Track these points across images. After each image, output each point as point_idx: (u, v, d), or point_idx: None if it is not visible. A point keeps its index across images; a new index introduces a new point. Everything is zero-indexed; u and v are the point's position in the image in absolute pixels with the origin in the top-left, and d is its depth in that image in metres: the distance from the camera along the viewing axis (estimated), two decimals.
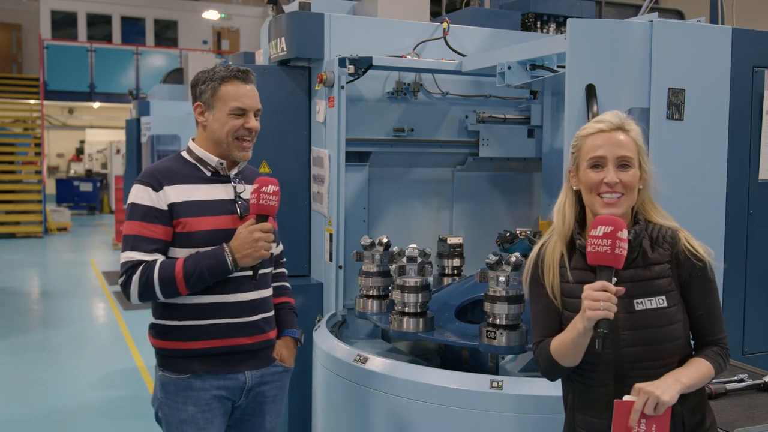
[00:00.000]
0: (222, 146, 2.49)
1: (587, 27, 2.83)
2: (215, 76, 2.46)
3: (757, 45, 3.01)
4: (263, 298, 2.56)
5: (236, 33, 20.75)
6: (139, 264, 2.35)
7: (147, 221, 2.38)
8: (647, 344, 1.92)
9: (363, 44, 3.85)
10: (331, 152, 3.72)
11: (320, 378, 3.25)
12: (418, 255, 3.14)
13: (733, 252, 3.01)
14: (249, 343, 2.50)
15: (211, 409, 2.45)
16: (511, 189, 4.49)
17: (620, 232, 1.82)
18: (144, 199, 2.40)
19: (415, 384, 2.75)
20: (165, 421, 2.50)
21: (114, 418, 5.30)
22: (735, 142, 2.98)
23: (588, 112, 2.72)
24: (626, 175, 1.94)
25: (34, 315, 8.89)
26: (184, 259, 2.37)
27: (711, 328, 1.98)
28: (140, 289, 2.35)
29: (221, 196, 2.48)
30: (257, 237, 2.37)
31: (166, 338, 2.46)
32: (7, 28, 20.30)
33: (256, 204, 2.39)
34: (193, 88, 2.52)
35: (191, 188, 2.45)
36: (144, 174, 2.47)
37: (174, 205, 2.40)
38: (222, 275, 2.39)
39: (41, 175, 16.92)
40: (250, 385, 2.52)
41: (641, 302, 1.92)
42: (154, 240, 2.38)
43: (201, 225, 2.41)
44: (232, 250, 2.37)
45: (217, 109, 2.46)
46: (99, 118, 24.16)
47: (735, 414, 2.33)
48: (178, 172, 2.47)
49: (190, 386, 2.44)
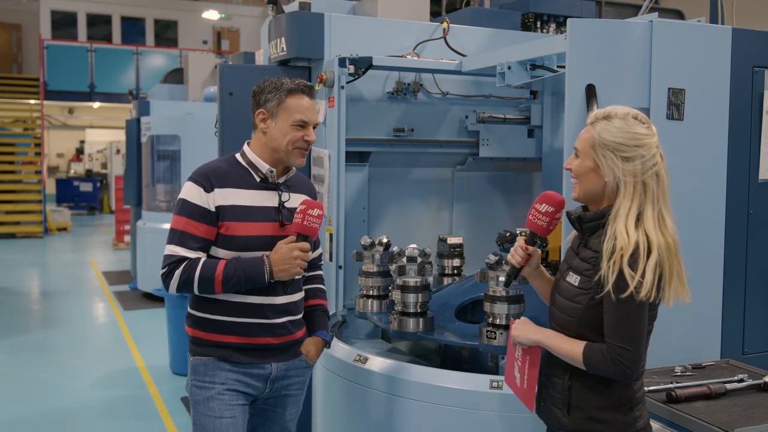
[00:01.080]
0: (279, 153, 2.58)
1: (587, 27, 2.83)
2: (282, 87, 2.57)
3: (757, 45, 3.01)
4: (294, 302, 2.67)
5: (236, 33, 20.74)
6: (183, 260, 2.48)
7: (194, 219, 2.50)
8: (556, 307, 2.20)
9: (363, 44, 3.85)
10: (331, 152, 3.72)
11: (320, 378, 3.25)
12: (418, 255, 3.14)
13: (733, 252, 3.01)
14: (276, 343, 2.61)
15: (237, 390, 2.57)
16: (511, 189, 4.49)
17: (539, 204, 2.20)
18: (194, 198, 2.51)
19: (415, 384, 2.76)
20: (193, 401, 2.60)
21: (114, 418, 5.30)
22: (735, 142, 2.98)
23: (588, 112, 2.72)
24: (574, 162, 2.16)
25: (34, 315, 8.88)
26: (225, 263, 2.48)
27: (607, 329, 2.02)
28: (180, 283, 2.48)
29: (266, 203, 2.58)
30: (296, 255, 2.49)
31: (200, 328, 2.59)
32: (7, 28, 20.31)
33: (300, 224, 2.50)
34: (257, 96, 2.61)
35: (239, 192, 2.55)
36: (198, 172, 2.57)
37: (221, 208, 2.51)
38: (257, 284, 2.51)
39: (41, 175, 16.92)
40: (275, 376, 2.63)
41: (568, 274, 2.16)
42: (199, 238, 2.50)
43: (243, 230, 2.53)
44: (271, 262, 2.49)
45: (281, 119, 2.56)
46: (99, 118, 24.16)
47: (735, 414, 2.33)
48: (230, 174, 2.57)
49: (219, 366, 2.56)
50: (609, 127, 2.07)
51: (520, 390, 2.24)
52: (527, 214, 2.22)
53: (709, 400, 2.45)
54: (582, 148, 2.12)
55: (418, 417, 2.75)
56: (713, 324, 2.96)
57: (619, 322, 1.99)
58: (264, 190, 2.60)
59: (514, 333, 2.21)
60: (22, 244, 14.90)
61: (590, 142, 2.09)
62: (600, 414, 2.09)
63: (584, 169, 2.12)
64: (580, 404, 2.11)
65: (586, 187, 2.13)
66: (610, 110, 2.11)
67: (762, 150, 3.06)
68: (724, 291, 3.00)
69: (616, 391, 2.09)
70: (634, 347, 1.98)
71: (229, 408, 2.54)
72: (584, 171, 2.12)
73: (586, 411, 2.10)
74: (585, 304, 2.07)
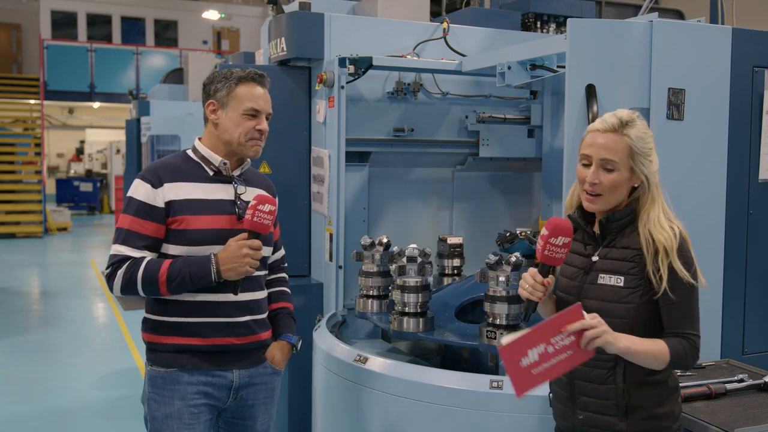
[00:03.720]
0: (232, 145, 2.51)
1: (587, 27, 2.83)
2: (232, 76, 2.50)
3: (757, 45, 3.01)
4: (256, 300, 2.56)
5: (236, 33, 20.74)
6: (127, 259, 2.38)
7: (140, 217, 2.40)
8: (599, 314, 2.02)
9: (363, 44, 3.85)
10: (331, 152, 3.72)
11: (320, 378, 3.25)
12: (418, 255, 3.14)
13: (733, 252, 3.01)
14: (238, 344, 2.50)
15: (197, 406, 2.45)
16: (511, 189, 4.49)
17: (554, 239, 2.02)
18: (140, 195, 2.42)
19: (415, 384, 2.75)
20: (150, 416, 2.50)
21: (114, 418, 5.29)
22: (735, 142, 2.98)
23: (588, 112, 2.72)
24: (607, 177, 2.05)
25: (34, 315, 8.89)
26: (170, 262, 2.37)
27: (676, 320, 2.04)
28: (123, 284, 2.39)
29: (221, 196, 2.49)
30: (245, 253, 2.37)
31: (157, 332, 2.48)
32: (7, 28, 20.31)
33: (250, 221, 2.38)
34: (207, 86, 2.53)
35: (192, 186, 2.46)
36: (146, 169, 2.50)
37: (172, 203, 2.42)
38: (204, 284, 2.39)
39: (41, 175, 16.92)
40: (238, 385, 2.52)
41: (603, 277, 2.10)
42: (144, 236, 2.40)
43: (198, 223, 2.42)
44: (218, 261, 2.37)
45: (231, 109, 2.49)
46: (99, 118, 24.15)
47: (735, 414, 2.33)
48: (181, 169, 2.49)
49: (177, 380, 2.44)
50: (638, 132, 2.06)
51: (523, 371, 1.83)
52: (540, 248, 2.05)
53: (709, 400, 2.45)
54: (620, 159, 2.04)
55: (418, 417, 2.75)
56: (713, 324, 2.96)
57: (689, 311, 2.05)
58: (218, 183, 2.50)
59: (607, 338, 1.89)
60: (22, 244, 14.90)
61: (626, 152, 2.04)
62: (659, 410, 2.08)
63: (621, 180, 2.05)
64: (640, 404, 2.07)
65: (616, 198, 2.08)
66: (625, 115, 2.08)
67: (762, 150, 3.06)
68: (724, 291, 3.00)
69: (667, 382, 2.10)
70: (699, 330, 2.06)
71: (188, 427, 2.42)
72: (621, 182, 2.06)
73: (647, 409, 2.07)
74: (637, 303, 2.04)
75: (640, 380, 2.07)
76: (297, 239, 4.03)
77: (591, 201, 2.09)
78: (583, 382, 2.12)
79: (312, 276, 4.08)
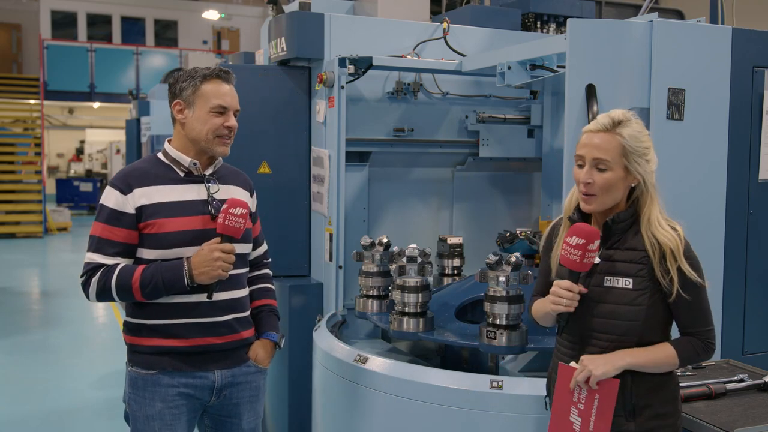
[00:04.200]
0: (200, 144, 2.48)
1: (587, 27, 2.83)
2: (197, 74, 2.47)
3: (757, 45, 3.01)
4: (236, 299, 2.55)
5: (236, 33, 20.74)
6: (100, 267, 2.38)
7: (111, 224, 2.39)
8: (606, 317, 2.09)
9: (363, 44, 3.84)
10: (331, 152, 3.72)
11: (320, 378, 3.25)
12: (418, 255, 3.14)
13: (733, 252, 3.01)
14: (219, 343, 2.49)
15: (178, 406, 2.45)
16: (511, 189, 4.49)
17: (591, 245, 2.01)
18: (110, 202, 2.41)
19: (415, 384, 2.75)
20: (132, 417, 2.49)
21: (114, 418, 5.29)
22: (735, 142, 2.98)
23: (588, 112, 2.73)
24: (600, 177, 2.06)
25: (34, 315, 8.89)
26: (143, 268, 2.37)
27: (689, 320, 2.09)
28: (98, 291, 2.39)
29: (193, 197, 2.47)
30: (216, 257, 2.35)
31: (137, 335, 2.47)
32: (7, 28, 20.30)
33: (222, 224, 2.38)
34: (172, 86, 2.51)
35: (163, 189, 2.44)
36: (116, 176, 2.48)
37: (144, 207, 2.40)
38: (178, 289, 2.38)
39: (41, 175, 16.91)
40: (220, 385, 2.51)
41: (610, 280, 2.09)
42: (116, 243, 2.39)
43: (172, 226, 2.41)
44: (191, 265, 2.36)
45: (198, 107, 2.46)
46: (99, 118, 24.15)
47: (735, 414, 2.33)
48: (151, 173, 2.47)
49: (158, 382, 2.44)
50: (632, 131, 2.06)
51: None
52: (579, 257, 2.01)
53: (709, 400, 2.45)
54: (612, 158, 2.04)
55: (418, 417, 2.75)
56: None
57: (702, 309, 2.09)
58: (190, 184, 2.48)
59: (595, 373, 2.00)
60: (22, 244, 14.90)
61: (619, 151, 2.04)
62: (664, 408, 2.10)
63: (615, 179, 2.05)
64: (647, 403, 2.08)
65: (612, 198, 2.08)
66: (618, 115, 2.08)
67: (762, 150, 3.06)
68: (724, 291, 3.00)
69: (672, 379, 2.13)
70: (712, 323, 2.11)
71: (169, 427, 2.43)
72: (614, 182, 2.06)
73: (654, 408, 2.08)
74: (646, 304, 2.05)
75: (647, 380, 2.08)
76: (297, 239, 4.03)
77: (586, 201, 2.10)
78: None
79: (312, 276, 4.08)
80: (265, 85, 3.94)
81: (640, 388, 2.08)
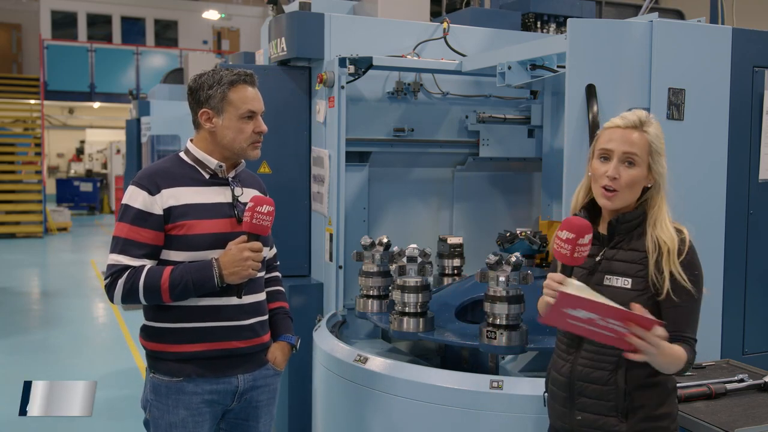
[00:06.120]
0: (233, 150, 2.46)
1: (587, 27, 2.83)
2: (222, 80, 2.42)
3: (757, 45, 3.01)
4: (258, 302, 2.54)
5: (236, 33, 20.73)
6: (126, 269, 2.34)
7: (137, 225, 2.35)
8: None
9: (363, 44, 3.85)
10: (331, 152, 3.72)
11: (320, 378, 3.25)
12: (418, 255, 3.14)
13: (733, 252, 3.01)
14: (244, 347, 2.48)
15: (202, 413, 2.43)
16: (511, 189, 4.49)
17: (581, 239, 1.96)
18: (137, 202, 2.36)
19: (415, 384, 2.75)
20: (153, 424, 2.47)
21: (114, 418, 5.29)
22: (735, 142, 2.98)
23: (588, 112, 2.73)
24: (627, 172, 2.06)
25: (34, 315, 8.88)
26: (171, 269, 2.34)
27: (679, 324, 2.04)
28: (124, 294, 2.34)
29: (219, 200, 2.46)
30: (246, 256, 2.34)
31: (159, 340, 2.44)
32: (7, 28, 20.30)
33: (249, 223, 2.36)
34: (195, 93, 2.45)
35: (190, 191, 2.41)
36: (141, 175, 2.43)
37: (172, 209, 2.37)
38: (207, 290, 2.36)
39: (41, 175, 16.91)
40: (242, 389, 2.50)
41: (610, 279, 2.09)
42: (143, 245, 2.35)
43: (201, 228, 2.38)
44: (220, 265, 2.34)
45: (227, 115, 2.43)
46: (99, 118, 24.14)
47: (735, 414, 2.33)
48: (177, 173, 2.43)
49: (182, 390, 2.41)
50: (656, 131, 2.10)
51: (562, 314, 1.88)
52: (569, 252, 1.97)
53: (709, 400, 2.45)
54: (641, 154, 2.06)
55: (418, 417, 2.75)
56: (713, 324, 2.96)
57: (692, 315, 2.06)
58: (215, 186, 2.46)
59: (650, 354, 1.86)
60: (22, 244, 14.89)
61: (647, 148, 2.07)
62: (658, 410, 2.08)
63: (640, 177, 2.07)
64: (640, 405, 2.07)
65: (633, 195, 2.09)
66: (642, 114, 2.10)
67: (762, 150, 3.06)
68: (724, 291, 3.00)
69: (666, 383, 2.10)
70: (696, 335, 2.07)
71: None
72: (639, 179, 2.07)
73: (647, 410, 2.07)
74: (644, 305, 2.00)
75: (641, 381, 2.07)
76: (297, 239, 4.03)
77: (608, 198, 2.08)
78: (583, 383, 2.12)
79: (312, 276, 4.08)
80: (265, 85, 3.88)
81: (634, 388, 2.06)
